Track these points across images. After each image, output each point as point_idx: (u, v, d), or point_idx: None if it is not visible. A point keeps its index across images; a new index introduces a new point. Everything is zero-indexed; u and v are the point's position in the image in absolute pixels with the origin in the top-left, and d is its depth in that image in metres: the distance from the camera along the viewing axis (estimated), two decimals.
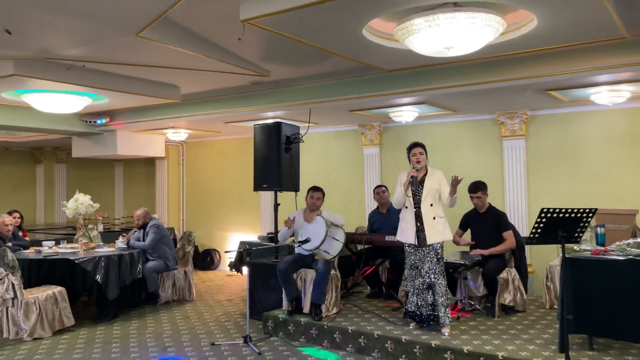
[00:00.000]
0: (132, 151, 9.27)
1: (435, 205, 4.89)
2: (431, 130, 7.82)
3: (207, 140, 10.43)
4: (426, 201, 4.88)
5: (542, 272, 6.22)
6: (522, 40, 4.44)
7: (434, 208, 4.88)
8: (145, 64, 5.35)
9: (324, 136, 8.89)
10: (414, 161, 4.94)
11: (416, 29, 3.66)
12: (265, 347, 5.15)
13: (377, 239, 6.11)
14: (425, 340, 4.64)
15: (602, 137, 6.63)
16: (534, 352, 4.29)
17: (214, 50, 4.89)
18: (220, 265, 10.14)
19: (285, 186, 6.14)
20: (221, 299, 7.43)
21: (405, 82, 5.76)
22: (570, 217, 3.81)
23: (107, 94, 6.56)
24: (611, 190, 6.48)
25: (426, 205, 4.87)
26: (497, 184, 7.10)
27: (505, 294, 5.49)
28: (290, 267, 5.62)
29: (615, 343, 4.40)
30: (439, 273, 4.89)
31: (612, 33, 4.29)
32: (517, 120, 7.04)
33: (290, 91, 6.64)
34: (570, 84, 5.31)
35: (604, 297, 4.14)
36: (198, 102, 7.47)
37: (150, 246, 6.88)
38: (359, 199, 8.44)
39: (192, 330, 5.80)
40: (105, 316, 6.21)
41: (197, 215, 10.59)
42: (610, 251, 4.30)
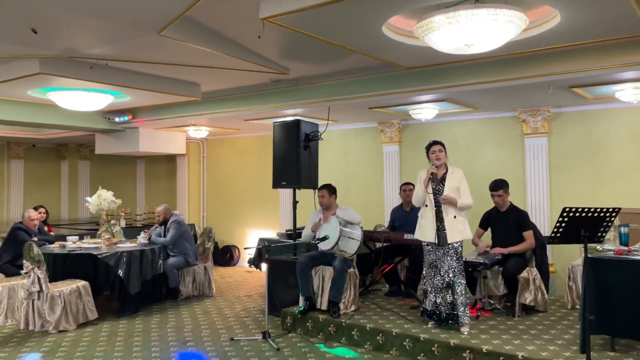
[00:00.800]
0: (154, 148, 9.40)
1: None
2: (452, 127, 7.76)
3: (228, 138, 10.52)
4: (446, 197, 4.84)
5: (564, 271, 6.14)
6: (545, 37, 4.38)
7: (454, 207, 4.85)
8: (166, 62, 5.42)
9: (343, 133, 8.89)
10: (433, 158, 4.92)
11: (436, 26, 3.63)
12: (284, 343, 5.18)
13: (396, 237, 6.09)
14: (444, 339, 4.61)
15: (628, 135, 6.50)
16: (555, 352, 4.23)
17: (234, 48, 4.92)
18: (240, 262, 10.22)
19: (304, 184, 6.16)
20: (240, 295, 7.49)
21: (425, 79, 5.72)
22: (592, 216, 3.75)
23: (129, 91, 6.66)
24: (636, 189, 6.35)
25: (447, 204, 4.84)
26: (519, 183, 7.02)
27: (526, 293, 5.43)
28: (310, 262, 5.65)
29: (637, 344, 4.32)
30: (458, 272, 4.86)
31: (636, 30, 4.20)
32: (539, 118, 6.94)
33: (310, 89, 6.65)
34: (594, 81, 5.22)
35: (626, 297, 4.06)
36: (218, 100, 7.54)
37: (171, 242, 6.97)
38: (378, 197, 8.42)
39: (212, 326, 5.87)
40: (128, 310, 6.32)
41: (217, 212, 10.69)
42: (634, 251, 4.22)
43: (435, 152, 4.92)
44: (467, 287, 5.09)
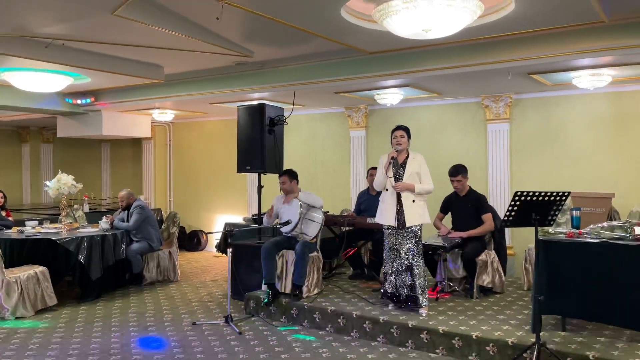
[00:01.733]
0: (118, 131, 9.22)
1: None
2: (417, 113, 7.83)
3: (194, 121, 10.39)
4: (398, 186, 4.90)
5: (522, 254, 6.30)
6: (501, 23, 4.43)
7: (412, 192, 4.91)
8: (125, 43, 5.29)
9: (310, 118, 8.88)
10: (394, 143, 4.97)
11: (394, 10, 3.65)
12: (246, 327, 5.21)
13: (360, 221, 6.15)
14: (403, 320, 4.71)
15: (584, 121, 6.67)
16: (508, 332, 4.36)
17: (195, 29, 4.83)
18: (207, 247, 10.17)
19: (269, 168, 6.15)
20: (206, 280, 7.47)
21: (387, 64, 5.74)
22: (543, 200, 3.86)
23: (89, 73, 6.49)
24: (592, 174, 6.54)
25: None
26: (481, 167, 7.15)
27: (484, 275, 5.57)
28: (274, 247, 5.66)
29: (588, 324, 4.49)
30: (417, 255, 4.95)
31: (591, 17, 4.29)
32: (501, 104, 7.06)
33: (275, 72, 6.60)
34: (551, 67, 5.32)
35: (577, 279, 4.20)
36: (182, 83, 7.42)
37: (134, 227, 6.88)
38: (345, 182, 8.46)
39: (174, 310, 5.85)
40: (88, 296, 6.24)
41: (185, 197, 10.59)
42: (585, 234, 4.35)
43: (397, 137, 4.97)
44: (428, 269, 5.19)
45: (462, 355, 4.33)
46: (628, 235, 4.14)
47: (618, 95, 6.43)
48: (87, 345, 4.69)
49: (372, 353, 4.48)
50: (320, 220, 5.56)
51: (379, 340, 4.76)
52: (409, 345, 4.60)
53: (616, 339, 4.13)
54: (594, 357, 3.78)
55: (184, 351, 4.53)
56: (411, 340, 4.59)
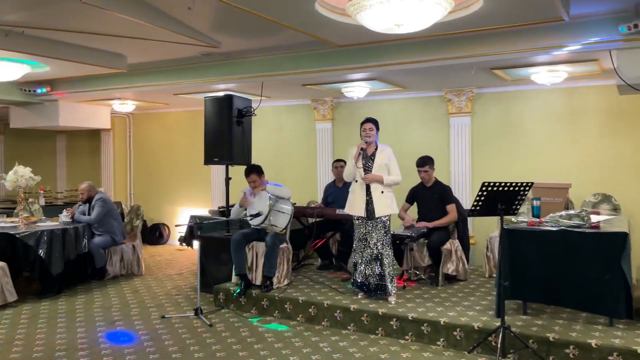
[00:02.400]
0: (76, 122, 8.94)
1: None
2: (382, 106, 7.95)
3: (156, 112, 10.18)
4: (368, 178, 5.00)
5: (483, 243, 6.54)
6: (469, 20, 4.58)
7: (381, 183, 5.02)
8: (90, 31, 5.15)
9: (276, 110, 8.87)
10: (363, 135, 5.07)
11: (368, 5, 3.70)
12: (217, 319, 5.20)
13: (329, 212, 6.22)
14: (373, 308, 4.82)
15: (541, 115, 6.96)
16: (473, 317, 4.55)
17: (163, 19, 4.76)
18: (170, 240, 10.03)
19: (237, 159, 6.13)
20: (171, 273, 7.39)
21: (356, 57, 5.82)
22: (509, 190, 4.03)
23: (48, 61, 6.27)
24: (548, 166, 6.85)
25: None
26: (444, 159, 7.34)
27: (449, 264, 5.75)
28: (244, 239, 5.65)
29: (547, 308, 4.73)
30: (386, 244, 5.07)
31: (552, 15, 4.49)
32: (463, 98, 7.27)
33: (242, 63, 6.57)
34: (512, 63, 5.54)
35: (537, 265, 4.42)
36: (146, 73, 7.27)
37: (97, 220, 6.72)
38: (312, 173, 8.52)
39: (141, 304, 5.77)
40: (49, 291, 6.07)
41: (146, 189, 10.38)
42: (545, 222, 4.58)
43: (366, 129, 5.07)
44: (395, 259, 5.32)
45: (431, 341, 4.48)
46: (584, 223, 4.39)
47: (572, 91, 6.74)
48: (52, 341, 4.58)
49: (344, 341, 4.57)
50: (289, 212, 5.60)
51: (350, 328, 4.86)
52: (379, 332, 4.72)
53: (573, 321, 4.37)
54: (553, 339, 3.99)
55: (154, 344, 4.50)
56: (381, 328, 4.72)
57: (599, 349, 3.82)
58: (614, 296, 4.08)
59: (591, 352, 3.84)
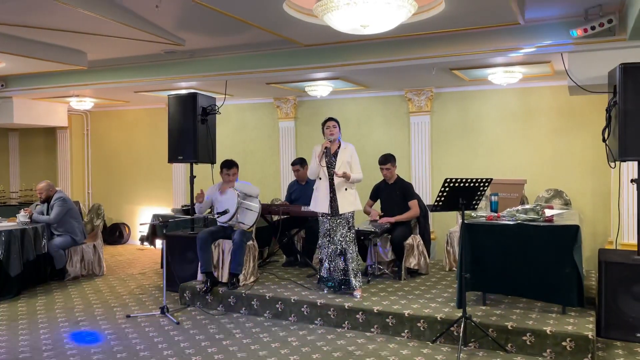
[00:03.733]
0: (31, 120, 8.67)
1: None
2: (344, 105, 8.08)
3: (115, 110, 9.98)
4: (339, 173, 5.12)
5: (443, 238, 6.77)
6: (431, 22, 4.75)
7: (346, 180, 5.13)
8: (50, 27, 5.03)
9: (239, 108, 8.86)
10: (327, 134, 5.18)
11: (335, 6, 3.79)
12: (183, 317, 5.20)
13: (294, 209, 6.29)
14: (339, 303, 4.93)
15: (498, 114, 7.25)
16: (436, 309, 4.72)
17: (127, 16, 4.71)
18: (130, 240, 9.86)
19: (202, 158, 6.11)
20: (133, 273, 7.29)
21: (320, 57, 5.91)
22: (469, 186, 4.21)
23: (3, 57, 6.08)
24: (504, 162, 7.14)
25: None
26: (405, 157, 7.54)
27: (411, 258, 5.93)
28: (210, 236, 5.65)
29: (505, 298, 4.96)
30: (350, 240, 5.18)
31: (509, 19, 4.71)
32: (423, 97, 7.48)
33: (205, 61, 6.55)
34: (471, 64, 5.76)
35: (495, 258, 4.63)
36: (106, 70, 7.14)
37: (56, 220, 6.57)
38: (275, 171, 8.57)
39: (105, 304, 5.69)
40: (7, 293, 5.90)
41: (104, 189, 10.17)
42: (502, 217, 4.80)
43: (330, 127, 5.17)
44: (359, 254, 5.45)
45: (396, 332, 4.63)
46: (539, 217, 4.63)
47: (526, 91, 7.05)
48: (15, 344, 4.47)
49: (311, 335, 4.66)
50: (257, 210, 5.64)
51: (317, 322, 4.95)
52: (345, 325, 4.83)
53: (530, 310, 4.60)
54: (512, 327, 4.21)
55: (121, 343, 4.46)
56: (347, 321, 4.83)
57: (553, 335, 4.05)
58: (567, 286, 4.33)
59: (546, 338, 4.07)
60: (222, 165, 5.82)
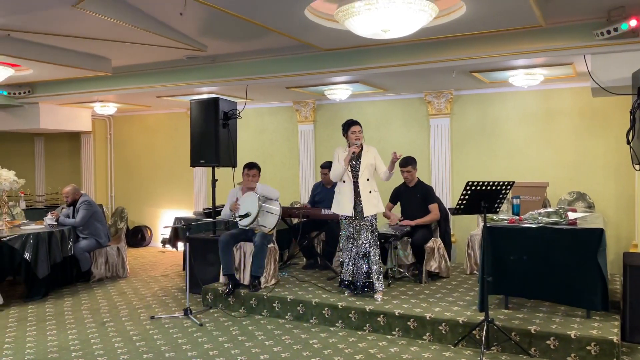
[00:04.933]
0: (56, 125, 8.87)
1: (371, 179, 5.20)
2: (363, 108, 8.10)
3: (137, 115, 10.15)
4: (363, 176, 5.15)
5: (464, 241, 6.75)
6: (451, 25, 4.75)
7: (370, 182, 5.17)
8: (77, 35, 5.16)
9: (258, 112, 8.95)
10: (352, 138, 5.18)
11: (356, 12, 3.84)
12: (206, 319, 5.27)
13: (314, 212, 6.33)
14: (360, 305, 4.95)
15: (518, 116, 7.20)
16: (457, 312, 4.71)
17: (151, 23, 4.80)
18: (152, 242, 10.01)
19: (223, 162, 6.19)
20: (156, 275, 7.41)
21: (340, 61, 5.95)
22: (491, 189, 4.20)
23: (31, 64, 6.24)
24: (525, 165, 7.09)
25: (363, 179, 5.15)
26: (424, 160, 7.53)
27: (432, 261, 5.93)
28: (231, 239, 5.72)
29: (527, 302, 4.93)
30: (373, 243, 5.20)
31: (531, 21, 4.69)
32: (442, 100, 7.47)
33: (226, 66, 6.64)
34: (492, 66, 5.74)
35: (518, 261, 4.60)
36: (129, 75, 7.27)
37: (81, 223, 6.71)
38: (294, 174, 8.62)
39: (129, 306, 5.79)
40: (35, 295, 6.05)
41: (127, 192, 10.34)
42: (524, 220, 4.77)
43: (356, 132, 5.18)
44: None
45: (417, 335, 4.63)
46: (562, 220, 4.60)
47: (547, 93, 7.00)
48: (43, 344, 4.58)
49: (333, 337, 4.69)
50: (278, 212, 5.69)
51: (338, 325, 4.98)
52: (366, 328, 4.85)
53: (553, 314, 4.57)
54: (535, 331, 4.18)
55: (147, 344, 4.54)
56: (369, 324, 4.85)
57: (577, 340, 4.02)
58: (591, 289, 4.29)
59: (570, 342, 4.04)
60: (244, 165, 5.92)
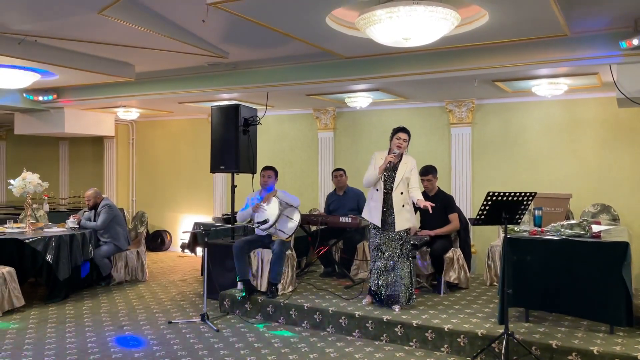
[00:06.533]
0: (80, 129, 9.02)
1: (405, 193, 5.05)
2: (383, 116, 8.07)
3: (159, 120, 10.28)
4: (398, 189, 5.03)
5: (484, 252, 6.64)
6: (474, 34, 4.71)
7: (403, 196, 5.05)
8: (102, 41, 5.25)
9: (278, 119, 8.98)
10: (394, 145, 5.05)
11: (377, 20, 3.83)
12: (223, 325, 5.27)
13: (332, 220, 6.31)
14: (377, 315, 4.90)
15: (541, 126, 7.09)
16: (477, 324, 4.64)
17: (174, 30, 4.87)
18: (172, 247, 10.09)
19: (243, 168, 6.22)
20: (174, 280, 7.45)
21: (362, 69, 5.94)
22: (512, 200, 4.13)
23: (57, 70, 6.37)
24: (548, 176, 6.97)
25: (397, 193, 5.03)
26: (445, 169, 7.46)
27: (451, 272, 5.85)
28: (245, 245, 5.73)
29: (549, 316, 4.83)
30: (402, 256, 5.09)
31: (555, 30, 4.62)
32: (464, 109, 7.40)
33: (247, 73, 6.68)
34: (515, 76, 5.67)
35: (539, 273, 4.52)
36: (152, 81, 7.38)
37: (103, 226, 6.79)
38: (313, 182, 8.62)
39: (147, 310, 5.83)
40: (56, 296, 6.13)
41: (148, 196, 10.46)
42: (546, 232, 4.69)
43: (400, 140, 5.05)
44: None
45: (435, 347, 4.56)
46: (586, 233, 4.50)
47: (571, 103, 6.88)
48: (62, 345, 4.63)
49: (349, 347, 4.65)
50: (298, 219, 5.68)
51: (355, 334, 4.94)
52: (383, 338, 4.80)
53: (575, 329, 4.47)
54: (556, 345, 4.09)
55: (163, 349, 4.56)
56: (386, 334, 4.79)
57: (600, 356, 3.91)
58: (615, 304, 4.18)
59: (593, 358, 3.93)
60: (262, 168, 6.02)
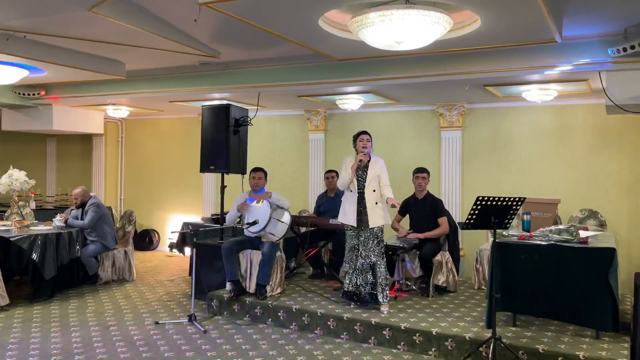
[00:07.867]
0: (69, 127, 8.93)
1: (377, 191, 5.16)
2: (374, 118, 8.08)
3: (149, 119, 10.20)
4: (369, 187, 5.13)
5: (473, 255, 6.67)
6: (465, 39, 4.73)
7: (376, 193, 5.15)
8: (92, 38, 5.20)
9: (270, 120, 8.96)
10: (360, 146, 5.18)
11: (370, 23, 3.83)
12: (210, 326, 5.24)
13: (322, 222, 6.30)
14: (366, 318, 4.90)
15: (531, 131, 7.14)
16: (464, 328, 4.65)
17: (166, 28, 4.83)
18: (160, 246, 10.02)
19: (233, 168, 6.19)
20: (162, 280, 7.40)
21: (353, 71, 5.94)
22: (502, 204, 4.15)
23: (46, 66, 6.30)
24: (537, 181, 7.02)
25: (369, 190, 5.13)
26: (434, 172, 7.45)
27: (439, 275, 5.86)
28: (235, 246, 5.70)
29: (536, 320, 4.85)
30: (378, 255, 5.16)
31: (546, 36, 4.65)
32: (454, 113, 7.43)
33: (239, 73, 6.66)
34: (505, 81, 5.70)
35: (527, 278, 4.54)
36: (142, 80, 7.32)
37: (90, 225, 6.73)
38: (303, 183, 8.61)
39: (134, 310, 5.78)
40: (42, 295, 6.06)
41: (136, 195, 10.38)
42: (535, 237, 4.71)
43: (364, 141, 5.19)
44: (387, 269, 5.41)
45: (423, 350, 4.57)
46: (573, 238, 4.53)
47: (561, 109, 6.94)
48: (47, 345, 4.58)
49: (337, 349, 4.64)
50: (288, 222, 5.66)
51: (343, 337, 4.93)
52: (371, 341, 4.80)
53: (562, 334, 4.49)
54: (543, 350, 4.11)
55: (150, 350, 4.52)
56: (374, 337, 4.79)
57: None
58: (601, 309, 4.21)
59: None
60: (252, 169, 5.98)
